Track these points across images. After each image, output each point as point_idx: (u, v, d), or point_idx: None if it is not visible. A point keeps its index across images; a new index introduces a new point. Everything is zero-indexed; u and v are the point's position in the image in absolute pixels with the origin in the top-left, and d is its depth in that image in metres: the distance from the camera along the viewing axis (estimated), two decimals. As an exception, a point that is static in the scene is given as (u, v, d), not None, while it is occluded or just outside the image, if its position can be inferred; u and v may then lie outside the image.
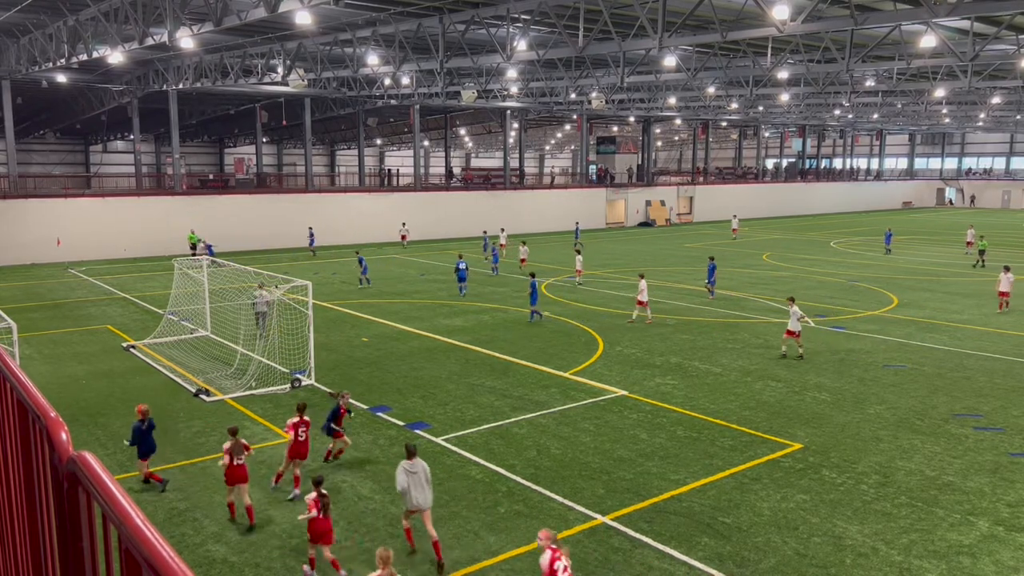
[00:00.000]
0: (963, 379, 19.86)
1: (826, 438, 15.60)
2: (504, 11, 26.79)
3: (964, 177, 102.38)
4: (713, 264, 31.03)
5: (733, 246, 51.76)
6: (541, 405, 17.66)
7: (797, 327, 21.68)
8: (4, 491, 2.98)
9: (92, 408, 17.44)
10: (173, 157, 50.39)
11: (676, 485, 13.30)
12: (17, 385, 2.72)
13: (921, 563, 10.73)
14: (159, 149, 74.41)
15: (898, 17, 22.73)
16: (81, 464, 2.05)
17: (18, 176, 45.50)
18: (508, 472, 13.74)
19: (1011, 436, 15.73)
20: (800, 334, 21.86)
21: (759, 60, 33.79)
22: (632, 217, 70.45)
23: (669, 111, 65.83)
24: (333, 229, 52.51)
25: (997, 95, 51.66)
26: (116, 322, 26.87)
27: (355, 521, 11.95)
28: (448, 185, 66.25)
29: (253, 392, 18.38)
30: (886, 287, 34.24)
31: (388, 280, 36.45)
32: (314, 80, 43.03)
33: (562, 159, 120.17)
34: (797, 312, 21.74)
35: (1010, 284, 28.64)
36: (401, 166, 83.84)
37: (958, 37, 29.89)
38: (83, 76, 45.73)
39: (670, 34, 24.56)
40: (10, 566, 2.92)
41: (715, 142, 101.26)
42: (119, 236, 44.96)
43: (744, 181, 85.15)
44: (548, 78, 44.06)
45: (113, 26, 27.43)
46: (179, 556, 1.65)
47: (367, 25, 31.12)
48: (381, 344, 23.56)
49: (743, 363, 21.32)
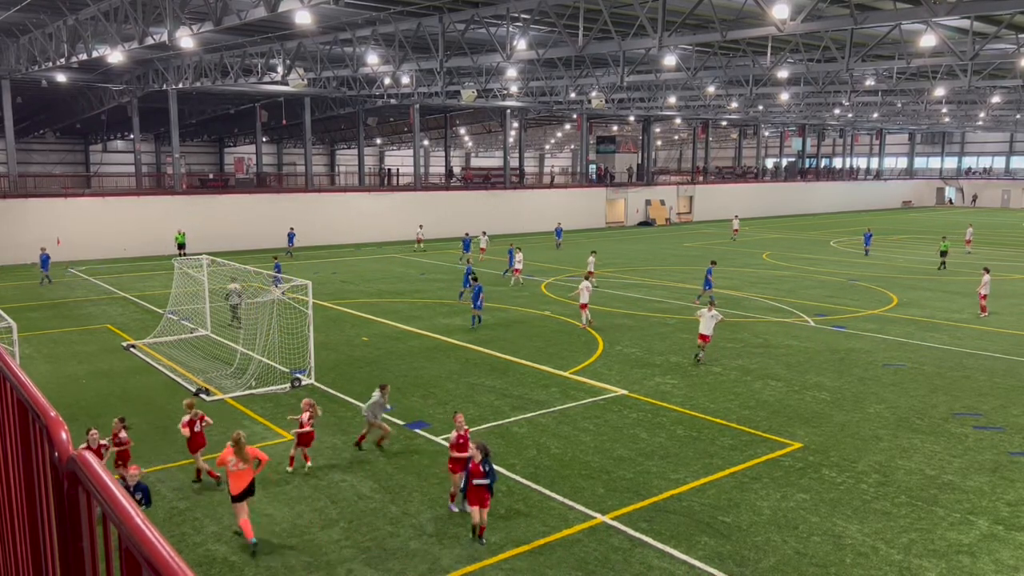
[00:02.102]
0: (963, 378, 19.86)
1: (826, 437, 15.60)
2: (504, 10, 26.79)
3: (964, 176, 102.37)
4: (711, 269, 30.07)
5: (733, 246, 51.74)
6: (541, 404, 17.67)
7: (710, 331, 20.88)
8: (4, 490, 2.98)
9: (92, 407, 17.43)
10: (173, 157, 50.38)
11: (676, 484, 13.30)
12: (17, 384, 2.72)
13: (921, 562, 10.74)
14: (159, 149, 74.38)
15: (898, 16, 22.74)
16: (81, 463, 2.05)
17: (18, 176, 45.50)
18: (508, 471, 13.74)
19: (1011, 435, 15.74)
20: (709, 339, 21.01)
21: (759, 59, 33.79)
22: (632, 217, 70.44)
23: (669, 110, 65.83)
24: (333, 229, 52.53)
25: (997, 94, 51.65)
26: (116, 321, 26.87)
27: (355, 520, 11.96)
28: (448, 185, 66.26)
29: (253, 391, 18.38)
30: (886, 286, 34.25)
31: (388, 280, 36.47)
32: (314, 79, 43.04)
33: (562, 158, 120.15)
34: (716, 316, 21.01)
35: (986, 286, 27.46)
36: (401, 166, 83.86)
37: (958, 36, 29.88)
38: (83, 76, 45.72)
39: (670, 33, 24.56)
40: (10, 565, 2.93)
41: (715, 141, 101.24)
42: (119, 236, 44.96)
43: (744, 180, 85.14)
44: (548, 77, 44.05)
45: (113, 26, 27.42)
46: (179, 555, 1.65)
47: (367, 24, 31.12)
48: (381, 343, 23.57)
49: (743, 362, 21.32)
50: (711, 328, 20.97)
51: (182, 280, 25.96)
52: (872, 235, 47.24)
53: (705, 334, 21.00)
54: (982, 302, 27.68)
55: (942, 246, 40.21)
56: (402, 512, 12.22)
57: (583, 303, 25.37)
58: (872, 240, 46.81)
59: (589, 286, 25.77)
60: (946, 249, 39.96)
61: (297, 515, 12.14)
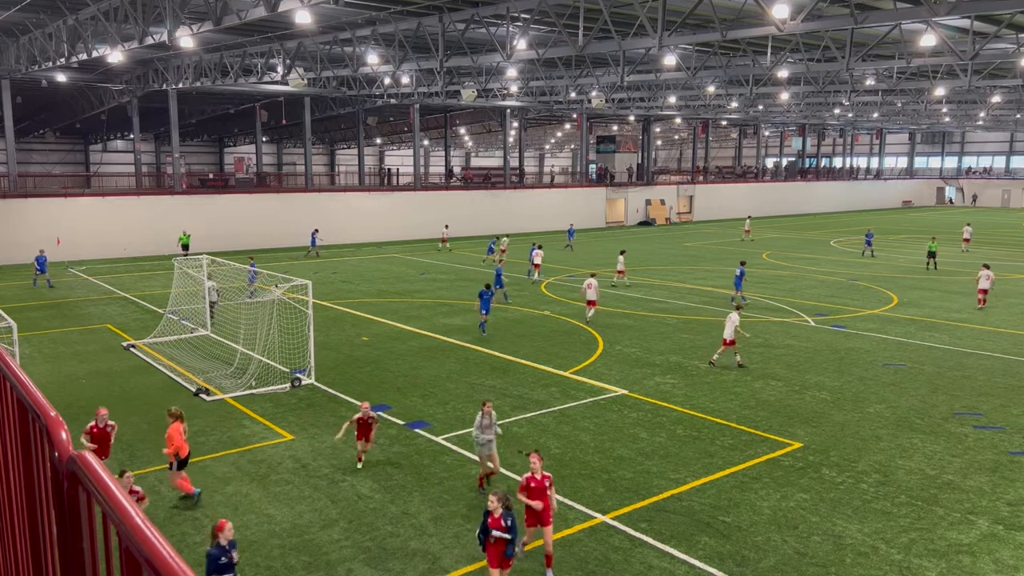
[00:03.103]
0: (963, 378, 19.86)
1: (826, 437, 15.60)
2: (504, 10, 26.78)
3: (964, 176, 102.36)
4: (742, 269, 29.76)
5: (740, 246, 51.71)
6: (541, 404, 17.67)
7: (731, 336, 20.56)
8: (4, 490, 2.98)
9: (92, 407, 17.33)
10: (173, 156, 50.37)
11: (676, 484, 13.30)
12: (17, 384, 2.72)
13: (921, 562, 10.74)
14: (159, 148, 74.40)
15: (898, 16, 22.72)
16: (81, 463, 2.05)
17: (18, 175, 45.49)
18: (508, 471, 13.74)
19: (1011, 435, 15.73)
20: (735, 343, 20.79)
21: (759, 59, 33.78)
22: (632, 216, 70.44)
23: (669, 110, 65.83)
24: (333, 228, 52.52)
25: (997, 94, 51.62)
26: (116, 321, 26.88)
27: (355, 520, 11.95)
28: (448, 184, 66.26)
29: (253, 391, 18.38)
30: (886, 286, 34.24)
31: (388, 279, 36.47)
32: (314, 79, 43.03)
33: (562, 158, 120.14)
34: (735, 320, 20.63)
35: (989, 281, 28.88)
36: (401, 165, 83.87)
37: (958, 36, 29.88)
38: (83, 75, 45.72)
39: (670, 33, 24.55)
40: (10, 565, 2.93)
41: (715, 141, 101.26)
42: (119, 235, 44.95)
43: (744, 180, 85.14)
44: (548, 77, 44.04)
45: (113, 25, 27.42)
46: (179, 555, 1.65)
47: (367, 24, 31.11)
48: (381, 343, 23.56)
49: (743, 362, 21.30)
50: (732, 333, 20.46)
51: (182, 280, 25.97)
52: (873, 235, 46.73)
53: (728, 339, 20.54)
54: (980, 295, 28.77)
55: (930, 246, 39.74)
56: (402, 512, 12.22)
57: (591, 300, 25.80)
58: (874, 240, 46.37)
59: (594, 283, 26.04)
60: (934, 250, 39.54)
61: (297, 515, 12.14)
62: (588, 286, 25.88)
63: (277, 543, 11.30)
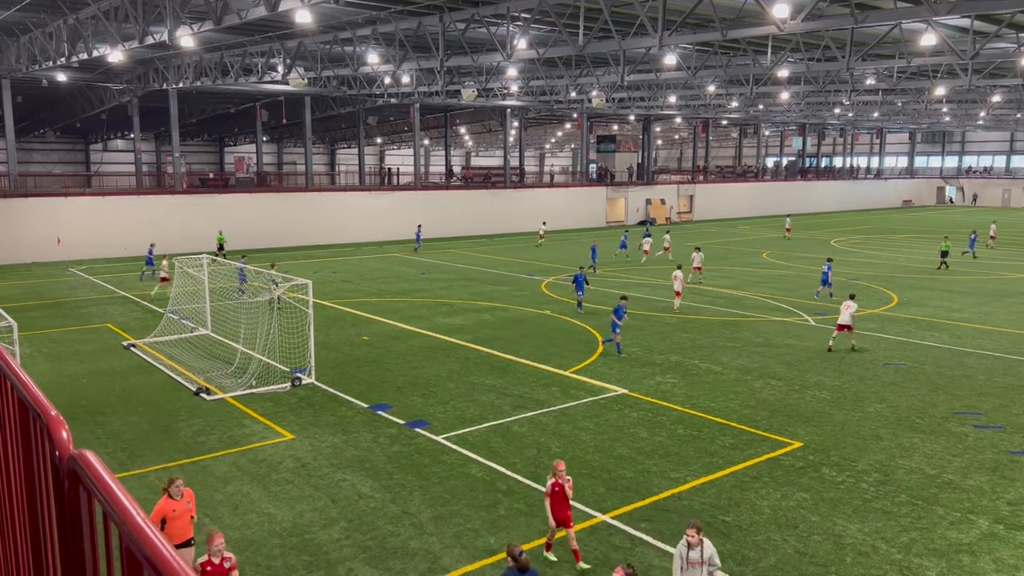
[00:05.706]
0: (963, 377, 19.86)
1: (826, 436, 15.60)
2: (504, 10, 26.77)
3: (964, 175, 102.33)
4: (829, 265, 30.58)
5: (735, 245, 51.71)
6: (541, 403, 17.67)
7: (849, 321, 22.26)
8: (5, 489, 2.99)
9: (92, 406, 17.44)
10: (173, 156, 50.38)
11: (676, 483, 13.30)
12: (18, 384, 2.72)
13: (921, 561, 10.74)
14: (159, 148, 74.36)
15: (898, 15, 22.71)
16: (82, 463, 2.05)
17: (18, 175, 45.50)
18: (508, 470, 13.75)
19: (1011, 434, 15.73)
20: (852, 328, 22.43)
21: (759, 58, 33.77)
22: (632, 216, 70.43)
23: (669, 109, 65.81)
24: (333, 228, 52.51)
25: (997, 93, 51.61)
26: (116, 321, 26.88)
27: (355, 520, 11.96)
28: (448, 184, 66.25)
29: (253, 391, 18.38)
30: (886, 285, 34.23)
31: (388, 279, 36.47)
32: (314, 79, 43.02)
33: (562, 158, 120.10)
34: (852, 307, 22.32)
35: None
36: (401, 165, 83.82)
37: (958, 35, 29.86)
38: (83, 75, 45.71)
39: (670, 32, 24.55)
40: (11, 564, 2.93)
41: (715, 140, 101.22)
42: (119, 235, 44.94)
43: (744, 180, 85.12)
44: (548, 76, 44.03)
45: (113, 25, 27.42)
46: (179, 555, 1.65)
47: (367, 24, 31.11)
48: (381, 343, 23.57)
49: (743, 361, 21.32)
50: (849, 318, 22.16)
51: (182, 279, 25.97)
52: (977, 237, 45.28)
53: (844, 324, 22.25)
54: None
55: (943, 246, 39.80)
56: (402, 511, 12.23)
57: (677, 290, 28.12)
58: (976, 244, 44.95)
59: (680, 275, 28.53)
60: (947, 249, 39.57)
61: (298, 514, 12.14)
62: (675, 278, 28.43)
63: (277, 542, 11.30)
